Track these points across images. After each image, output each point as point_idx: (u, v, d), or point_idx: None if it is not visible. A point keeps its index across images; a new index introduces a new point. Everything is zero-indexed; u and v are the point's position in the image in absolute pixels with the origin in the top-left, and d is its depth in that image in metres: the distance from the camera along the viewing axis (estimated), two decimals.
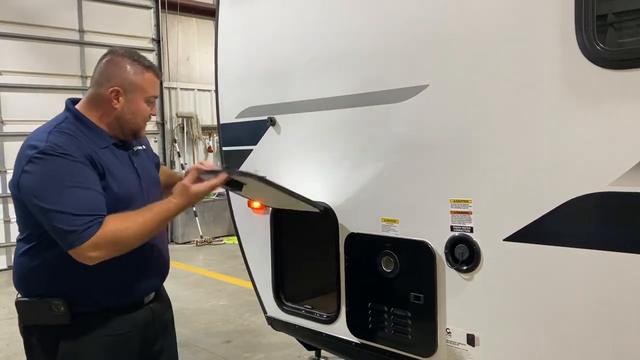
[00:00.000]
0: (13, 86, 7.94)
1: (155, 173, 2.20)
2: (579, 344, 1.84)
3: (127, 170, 1.98)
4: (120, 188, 1.90)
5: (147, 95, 1.98)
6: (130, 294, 1.97)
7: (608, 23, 1.87)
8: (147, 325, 2.05)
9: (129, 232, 1.79)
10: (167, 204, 1.90)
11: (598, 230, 1.76)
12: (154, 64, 2.06)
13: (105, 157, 1.90)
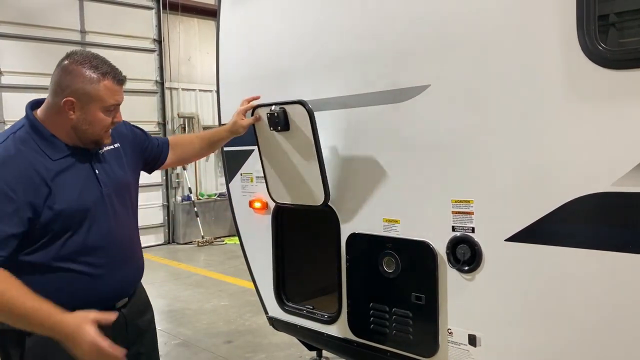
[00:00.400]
0: (14, 86, 7.94)
1: (122, 173, 2.03)
2: (580, 344, 1.84)
3: (83, 181, 1.88)
4: (67, 204, 1.79)
5: (104, 105, 1.84)
6: (96, 302, 1.86)
7: (609, 23, 1.88)
8: (119, 330, 1.94)
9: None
10: (41, 312, 1.65)
11: (600, 230, 1.76)
12: (115, 69, 1.88)
13: (55, 171, 1.81)
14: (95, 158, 1.95)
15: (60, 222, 1.79)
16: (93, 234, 1.87)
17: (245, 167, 2.99)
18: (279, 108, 2.48)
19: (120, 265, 1.96)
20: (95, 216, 1.87)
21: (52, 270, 1.82)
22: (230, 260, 8.05)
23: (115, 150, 2.05)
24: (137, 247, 2.09)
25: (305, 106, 2.40)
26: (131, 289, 2.06)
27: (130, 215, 2.06)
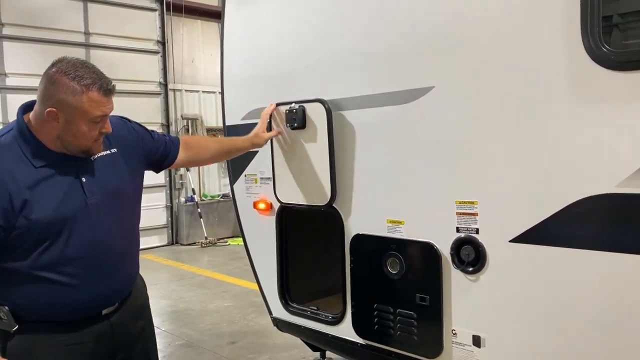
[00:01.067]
0: (19, 88, 7.97)
1: (115, 180, 1.97)
2: (585, 345, 1.84)
3: (65, 190, 1.82)
4: (44, 214, 1.75)
5: (89, 117, 1.77)
6: (75, 311, 1.87)
7: (613, 24, 1.88)
8: (104, 337, 1.96)
9: None
10: None
11: (604, 231, 1.76)
12: (102, 79, 1.79)
13: (36, 179, 1.77)
14: (84, 166, 1.89)
15: (37, 231, 1.75)
16: (72, 245, 1.82)
17: (249, 168, 3.00)
18: (298, 105, 2.54)
19: (102, 276, 1.90)
20: (75, 226, 1.82)
21: (30, 279, 1.79)
22: (234, 261, 8.07)
23: (111, 155, 1.98)
24: (126, 256, 2.01)
25: (325, 105, 2.45)
26: (117, 298, 1.99)
27: (121, 224, 1.99)
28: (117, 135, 2.02)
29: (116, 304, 2.00)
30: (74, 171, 1.85)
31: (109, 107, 1.81)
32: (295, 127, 2.57)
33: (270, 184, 2.82)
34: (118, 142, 2.02)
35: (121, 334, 2.02)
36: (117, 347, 2.02)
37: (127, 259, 2.03)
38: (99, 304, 1.94)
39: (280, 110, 2.66)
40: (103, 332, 1.96)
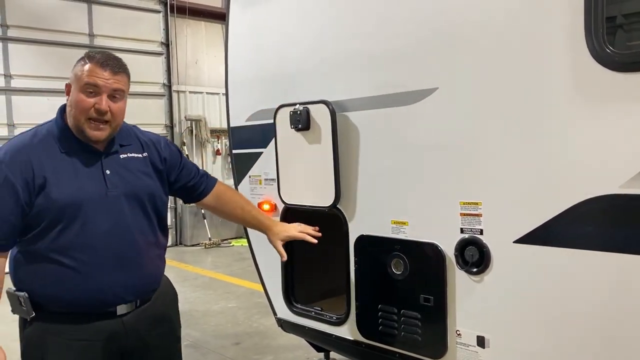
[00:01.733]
0: (24, 90, 8.01)
1: (142, 181, 2.04)
2: (589, 346, 1.84)
3: (85, 177, 1.91)
4: (61, 195, 1.84)
5: (81, 84, 1.85)
6: (86, 300, 1.90)
7: (617, 25, 1.88)
8: (116, 337, 1.97)
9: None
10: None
11: (608, 232, 1.76)
12: (107, 57, 1.92)
13: (56, 163, 1.87)
14: (110, 161, 1.97)
15: (54, 211, 1.83)
16: (88, 231, 1.87)
17: (254, 169, 3.01)
18: (302, 107, 2.54)
19: (115, 268, 1.92)
20: (91, 213, 1.88)
21: (46, 263, 1.87)
22: (238, 262, 8.08)
23: (143, 159, 2.07)
24: (144, 257, 2.03)
25: (329, 106, 2.46)
26: (130, 295, 1.99)
27: (141, 224, 2.02)
28: (151, 143, 2.14)
29: (130, 303, 2.00)
30: (98, 163, 1.95)
31: (103, 81, 1.86)
32: (299, 128, 2.58)
33: (275, 185, 2.83)
34: (150, 149, 2.12)
35: (134, 338, 2.02)
36: (129, 351, 2.03)
37: (144, 259, 2.03)
38: (110, 296, 1.95)
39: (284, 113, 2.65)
40: (116, 331, 1.97)
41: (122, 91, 1.93)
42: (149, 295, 2.09)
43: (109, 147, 1.99)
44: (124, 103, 1.97)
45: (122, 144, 2.05)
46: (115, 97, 1.90)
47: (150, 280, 2.10)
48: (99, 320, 1.94)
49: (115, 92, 1.90)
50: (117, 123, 1.95)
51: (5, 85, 7.88)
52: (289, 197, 2.76)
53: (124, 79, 1.94)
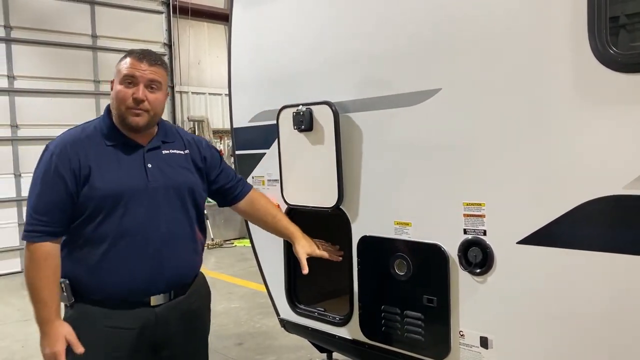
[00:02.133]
0: (27, 91, 8.04)
1: (183, 175, 2.14)
2: (593, 347, 1.84)
3: (127, 169, 2.01)
4: (103, 184, 1.95)
5: (121, 77, 1.99)
6: (122, 286, 1.99)
7: (620, 25, 1.88)
8: (148, 327, 2.04)
9: (28, 270, 1.94)
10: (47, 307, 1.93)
11: (611, 233, 1.76)
12: (145, 52, 2.06)
13: (101, 155, 1.99)
14: (152, 155, 2.08)
15: (97, 200, 1.94)
16: (127, 221, 1.97)
17: (257, 170, 3.01)
18: (305, 108, 2.55)
19: (151, 258, 2.01)
20: (132, 204, 1.98)
21: (86, 251, 1.97)
22: (240, 262, 8.09)
23: (184, 156, 2.18)
24: (179, 249, 2.10)
25: (332, 107, 2.47)
26: (162, 285, 2.06)
27: (181, 216, 2.11)
28: (193, 142, 2.26)
29: (163, 294, 2.07)
30: (141, 157, 2.06)
31: (141, 72, 1.98)
32: (302, 129, 2.58)
33: (278, 185, 2.83)
34: (192, 147, 2.23)
35: (164, 330, 2.09)
36: (159, 343, 2.09)
37: (179, 252, 2.11)
38: (144, 285, 2.02)
39: (288, 113, 2.67)
40: (148, 321, 2.04)
41: (159, 82, 2.04)
42: (184, 288, 2.15)
43: (151, 142, 2.10)
44: (162, 95, 2.08)
45: (164, 140, 2.15)
46: (152, 87, 2.01)
47: (185, 272, 2.16)
48: (132, 309, 2.02)
49: (152, 82, 2.01)
50: (155, 112, 2.04)
51: (8, 86, 7.90)
52: (292, 198, 2.77)
53: (160, 71, 2.05)
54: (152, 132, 2.13)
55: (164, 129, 2.19)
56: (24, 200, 7.99)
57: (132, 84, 1.98)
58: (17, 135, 7.98)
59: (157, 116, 2.09)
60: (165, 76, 2.09)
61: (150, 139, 2.11)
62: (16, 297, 6.61)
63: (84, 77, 8.64)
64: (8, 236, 7.95)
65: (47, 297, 1.92)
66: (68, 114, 8.30)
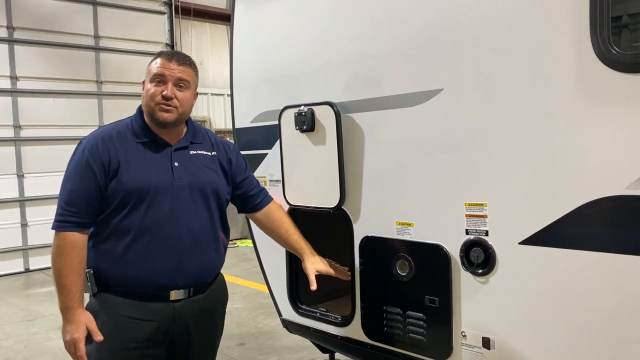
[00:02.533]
0: (30, 91, 8.05)
1: (208, 176, 2.19)
2: (595, 348, 1.83)
3: (155, 166, 2.07)
4: (130, 179, 2.02)
5: (151, 76, 2.08)
6: (145, 281, 2.04)
7: (622, 25, 1.88)
8: (166, 321, 2.08)
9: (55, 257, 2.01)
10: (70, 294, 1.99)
11: (614, 233, 1.76)
12: (175, 52, 2.19)
13: (131, 151, 2.06)
14: (180, 155, 2.14)
15: (123, 194, 2.01)
16: (151, 216, 2.03)
17: (259, 170, 3.02)
18: (306, 108, 2.55)
19: (173, 254, 2.06)
20: (156, 199, 2.04)
21: (109, 242, 2.04)
22: (243, 262, 8.09)
23: (211, 157, 2.24)
24: (200, 247, 2.14)
25: (334, 107, 2.47)
26: (184, 282, 2.10)
27: (205, 215, 2.16)
28: (221, 145, 2.32)
29: (183, 290, 2.11)
30: (168, 155, 2.12)
31: (170, 71, 2.06)
32: (304, 129, 2.59)
33: (280, 186, 2.84)
34: (219, 150, 2.29)
35: (181, 326, 2.13)
36: (176, 339, 2.13)
37: (201, 250, 2.15)
38: (165, 280, 2.07)
39: (290, 114, 2.67)
40: (166, 315, 2.09)
41: (187, 81, 2.11)
42: (203, 287, 2.20)
43: (180, 142, 2.16)
44: (190, 94, 2.15)
45: (193, 141, 2.21)
46: (180, 86, 2.09)
47: (205, 270, 2.19)
48: (152, 302, 2.07)
49: (180, 81, 2.08)
50: (183, 110, 2.10)
51: (11, 87, 7.92)
52: (294, 198, 2.77)
53: (188, 71, 2.12)
54: (181, 132, 2.19)
55: (193, 129, 2.24)
56: (27, 201, 8.02)
57: (161, 82, 2.06)
58: (19, 135, 8.00)
59: (185, 114, 2.14)
60: (194, 76, 2.16)
61: (178, 139, 2.16)
62: (19, 297, 6.63)
63: (87, 77, 8.65)
64: (11, 237, 7.97)
65: (71, 284, 1.98)
66: (70, 115, 8.32)
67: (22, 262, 8.03)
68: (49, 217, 2.11)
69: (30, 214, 8.05)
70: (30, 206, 8.05)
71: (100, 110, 8.67)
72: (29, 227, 8.05)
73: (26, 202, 8.05)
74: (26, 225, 8.05)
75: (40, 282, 7.42)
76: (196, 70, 2.19)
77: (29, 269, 8.05)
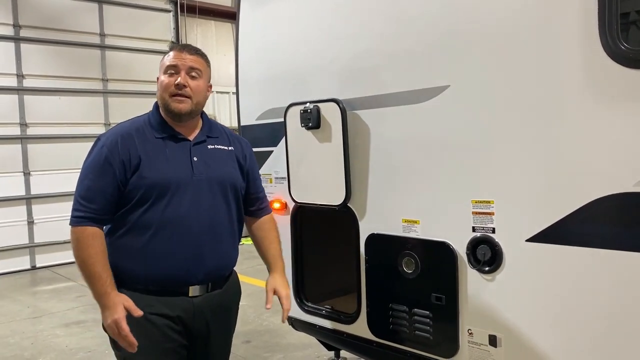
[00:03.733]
0: (36, 89, 8.07)
1: (226, 170, 2.20)
2: (602, 345, 1.82)
3: (174, 161, 2.08)
4: (151, 173, 2.02)
5: (164, 68, 2.10)
6: (165, 278, 2.04)
7: (631, 21, 1.86)
8: (186, 316, 2.08)
9: (77, 250, 1.99)
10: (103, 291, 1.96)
11: (622, 231, 1.75)
12: (187, 45, 2.20)
13: (150, 146, 2.07)
14: (198, 149, 2.14)
15: (144, 189, 2.01)
16: (171, 210, 2.03)
17: (264, 167, 3.02)
18: (312, 105, 2.55)
19: (192, 248, 2.06)
20: (177, 194, 2.04)
21: (128, 237, 2.04)
22: (248, 260, 8.06)
23: (227, 151, 2.24)
24: (220, 240, 2.15)
25: (339, 104, 2.47)
26: (202, 276, 2.10)
27: (223, 209, 2.16)
28: (237, 140, 2.32)
29: (201, 285, 2.11)
30: (187, 150, 2.12)
31: (182, 61, 2.08)
32: (310, 127, 2.58)
33: (285, 183, 2.84)
34: (236, 145, 2.29)
35: (201, 321, 2.13)
36: (195, 335, 2.14)
37: (219, 244, 2.15)
38: (184, 274, 2.07)
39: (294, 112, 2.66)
40: (185, 311, 2.09)
41: (199, 70, 2.11)
42: (220, 282, 2.20)
43: (197, 136, 2.17)
44: (204, 83, 2.15)
45: (209, 135, 2.21)
46: (193, 75, 2.09)
47: (223, 264, 2.20)
48: (172, 297, 2.07)
49: (193, 70, 2.09)
50: (197, 100, 2.11)
51: (17, 84, 7.95)
52: (299, 196, 2.77)
53: (200, 60, 2.13)
54: (197, 126, 2.19)
55: (209, 124, 2.25)
56: (33, 198, 8.04)
57: (174, 72, 2.07)
58: (26, 133, 8.02)
59: (200, 105, 2.15)
60: (206, 66, 2.17)
61: (196, 133, 2.17)
62: (26, 294, 6.65)
63: (92, 75, 8.66)
64: (18, 234, 8.00)
65: (100, 270, 1.97)
66: (76, 113, 8.33)
67: (29, 260, 8.05)
68: (55, 215, 2.12)
69: (36, 211, 8.07)
70: (36, 204, 8.07)
71: (106, 108, 8.68)
72: (35, 225, 8.08)
73: (32, 200, 8.07)
74: (32, 222, 8.08)
75: (47, 279, 7.45)
76: (208, 62, 2.20)
77: (35, 267, 8.08)
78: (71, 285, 6.77)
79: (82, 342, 4.82)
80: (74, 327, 5.22)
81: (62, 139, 7.99)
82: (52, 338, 4.96)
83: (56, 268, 7.82)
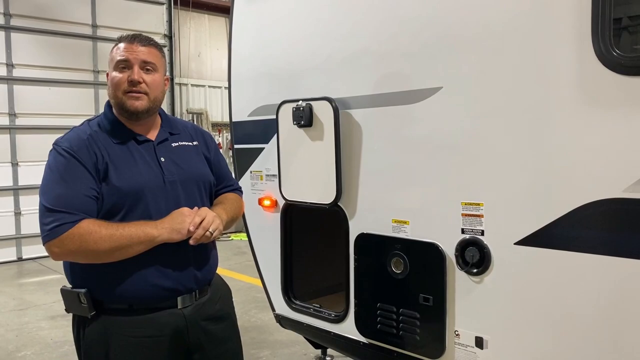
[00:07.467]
0: (26, 79, 8.01)
1: (198, 167, 2.08)
2: (588, 349, 1.83)
3: (141, 165, 1.92)
4: (123, 182, 1.85)
5: (114, 63, 1.92)
6: (150, 293, 1.90)
7: (623, 27, 1.87)
8: (179, 332, 1.96)
9: (95, 237, 1.76)
10: (152, 228, 1.83)
11: (610, 236, 1.76)
12: (137, 35, 1.98)
13: (114, 152, 1.89)
14: (163, 149, 2.01)
15: (115, 199, 1.85)
16: (148, 216, 1.87)
17: (255, 164, 3.01)
18: (305, 103, 2.54)
19: (175, 254, 1.92)
20: (151, 200, 1.89)
21: None
22: (237, 256, 8.09)
23: (193, 146, 2.12)
24: (204, 243, 1.97)
25: (332, 103, 2.46)
26: (190, 283, 1.98)
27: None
28: (199, 133, 2.21)
29: (189, 293, 1.98)
30: (152, 151, 1.98)
31: (133, 54, 1.91)
32: (301, 125, 2.57)
33: (276, 181, 2.83)
34: (199, 138, 2.17)
35: (196, 332, 2.01)
36: (194, 347, 2.01)
37: (202, 246, 1.99)
38: (170, 283, 1.92)
39: (287, 108, 2.66)
40: (178, 326, 1.95)
41: (154, 63, 1.95)
42: (205, 287, 2.08)
43: (159, 135, 2.03)
44: (160, 77, 1.98)
45: (171, 132, 2.08)
46: (147, 69, 1.94)
47: (207, 268, 2.08)
48: (159, 314, 1.92)
49: (147, 64, 1.93)
50: (154, 96, 1.95)
51: (7, 74, 7.87)
52: (290, 194, 2.76)
53: (154, 51, 1.97)
54: (156, 124, 2.05)
55: (167, 120, 2.12)
56: (21, 189, 7.99)
57: (126, 68, 1.90)
58: (15, 123, 7.96)
59: (157, 101, 1.99)
60: (160, 58, 2.00)
61: (156, 132, 2.03)
62: (11, 286, 6.60)
63: (84, 66, 8.61)
64: (4, 225, 7.94)
65: (133, 226, 1.80)
66: (67, 104, 8.28)
67: (15, 251, 8.01)
68: None
69: (24, 202, 8.02)
70: (24, 195, 8.02)
71: (97, 99, 8.63)
72: (23, 216, 8.03)
73: (20, 191, 8.02)
74: (20, 214, 8.03)
75: (33, 271, 7.39)
76: (162, 52, 2.03)
77: (21, 258, 8.03)
78: (58, 277, 6.72)
79: (67, 335, 4.77)
80: (60, 319, 5.19)
81: (51, 130, 7.95)
82: (37, 331, 4.93)
83: (43, 260, 7.77)
